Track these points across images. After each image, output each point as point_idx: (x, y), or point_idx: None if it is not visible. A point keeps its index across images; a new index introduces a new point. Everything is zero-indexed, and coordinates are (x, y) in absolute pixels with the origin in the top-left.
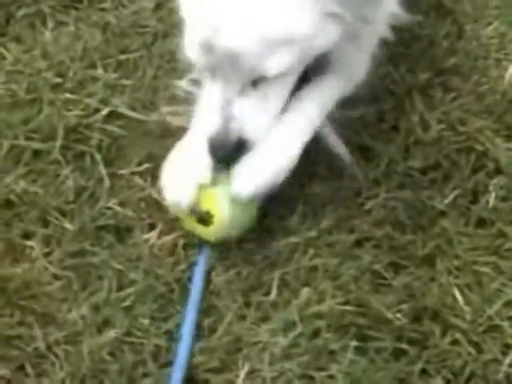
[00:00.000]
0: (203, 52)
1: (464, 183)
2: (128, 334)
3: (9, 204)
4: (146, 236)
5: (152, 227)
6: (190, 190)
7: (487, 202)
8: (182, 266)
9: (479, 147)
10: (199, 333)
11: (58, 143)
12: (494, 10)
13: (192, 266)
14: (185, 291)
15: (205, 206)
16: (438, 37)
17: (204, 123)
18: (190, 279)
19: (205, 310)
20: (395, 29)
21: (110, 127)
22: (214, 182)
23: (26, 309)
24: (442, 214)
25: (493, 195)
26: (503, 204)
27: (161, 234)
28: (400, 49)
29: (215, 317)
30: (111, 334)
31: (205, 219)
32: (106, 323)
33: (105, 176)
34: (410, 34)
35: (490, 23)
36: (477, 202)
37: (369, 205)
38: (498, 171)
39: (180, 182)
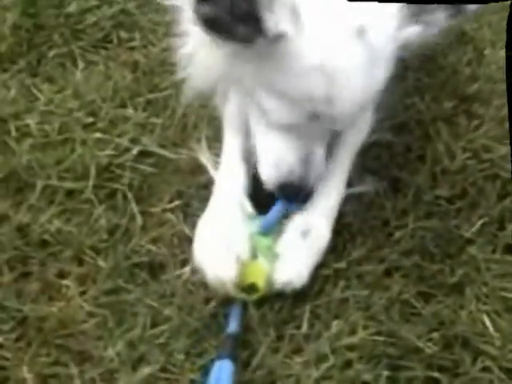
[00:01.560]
0: (306, 120)
1: (490, 210)
2: (163, 369)
3: (44, 243)
4: (179, 272)
5: (184, 263)
6: (232, 267)
7: None
8: (216, 301)
9: (504, 174)
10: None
11: (91, 182)
12: None
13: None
14: (219, 326)
15: (249, 279)
16: (461, 64)
17: (275, 169)
18: (224, 315)
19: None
20: (420, 58)
21: (140, 166)
22: (254, 253)
23: (62, 347)
24: (470, 241)
25: None
26: None
27: (194, 270)
28: (425, 79)
29: (249, 350)
30: (146, 370)
31: (250, 290)
32: (141, 360)
33: (137, 214)
34: (434, 63)
35: None
36: (504, 228)
37: (397, 235)
38: None
39: (220, 259)
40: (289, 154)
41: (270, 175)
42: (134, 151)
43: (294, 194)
